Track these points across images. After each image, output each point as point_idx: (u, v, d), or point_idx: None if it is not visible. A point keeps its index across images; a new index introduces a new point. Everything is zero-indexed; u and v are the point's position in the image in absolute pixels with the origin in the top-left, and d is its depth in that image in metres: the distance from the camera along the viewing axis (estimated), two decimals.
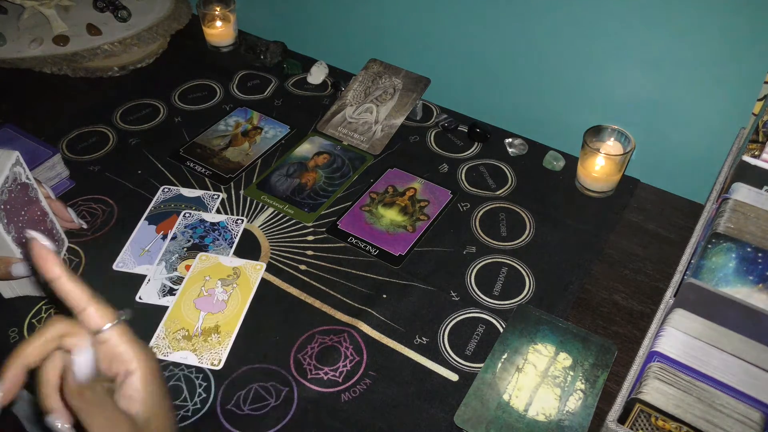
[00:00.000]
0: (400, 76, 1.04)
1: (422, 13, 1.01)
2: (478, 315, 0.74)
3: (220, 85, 1.08)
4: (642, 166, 0.93)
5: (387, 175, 0.91)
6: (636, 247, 0.82)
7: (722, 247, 0.59)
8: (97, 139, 0.97)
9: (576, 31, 0.89)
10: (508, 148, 0.96)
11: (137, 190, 0.88)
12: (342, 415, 0.64)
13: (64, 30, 1.14)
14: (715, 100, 0.84)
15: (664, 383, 0.54)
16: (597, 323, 0.73)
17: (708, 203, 0.74)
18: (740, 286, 0.57)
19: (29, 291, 0.73)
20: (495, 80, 1.02)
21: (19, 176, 0.68)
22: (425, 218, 0.85)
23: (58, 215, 0.76)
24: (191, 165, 0.92)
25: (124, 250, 0.79)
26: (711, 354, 0.55)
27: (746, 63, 0.79)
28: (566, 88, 0.96)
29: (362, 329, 0.72)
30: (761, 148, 0.67)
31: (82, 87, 1.09)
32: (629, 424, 0.56)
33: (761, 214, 0.61)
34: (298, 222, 0.84)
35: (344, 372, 0.68)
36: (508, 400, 0.64)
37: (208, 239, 0.81)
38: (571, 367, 0.67)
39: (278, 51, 1.13)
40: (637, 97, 0.90)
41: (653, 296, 0.76)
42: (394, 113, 0.99)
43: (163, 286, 0.75)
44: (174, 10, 1.21)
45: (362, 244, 0.81)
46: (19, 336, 0.70)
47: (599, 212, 0.86)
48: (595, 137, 0.88)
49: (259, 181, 0.90)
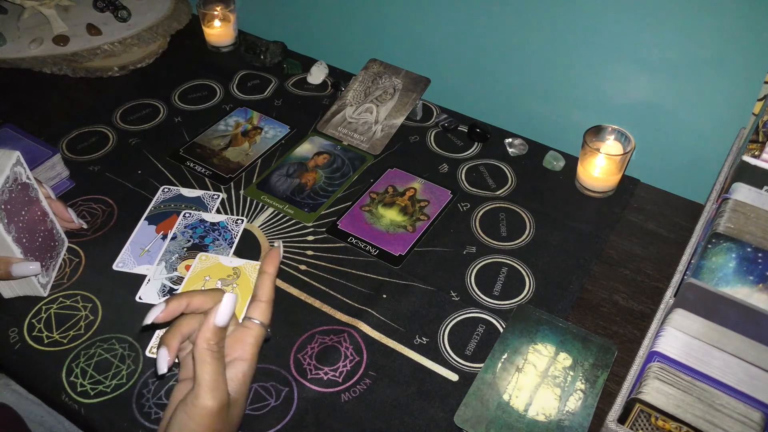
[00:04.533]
0: (400, 76, 1.04)
1: (422, 13, 1.01)
2: (478, 315, 0.74)
3: (220, 85, 1.08)
4: (642, 166, 0.93)
5: (387, 175, 0.91)
6: (636, 247, 0.82)
7: (722, 247, 0.59)
8: (97, 139, 0.97)
9: (576, 31, 0.89)
10: (508, 148, 0.96)
11: (137, 190, 0.88)
12: (342, 415, 0.64)
13: (64, 30, 1.14)
14: (715, 100, 0.84)
15: (664, 383, 0.54)
16: (597, 323, 0.74)
17: (708, 203, 0.74)
18: (740, 286, 0.57)
19: (29, 291, 0.73)
20: (495, 80, 1.02)
21: (19, 176, 0.68)
22: (425, 218, 0.85)
23: (58, 215, 0.76)
24: (191, 165, 0.92)
25: (124, 250, 0.79)
26: (711, 354, 0.55)
27: (746, 63, 0.79)
28: (566, 88, 0.96)
29: (362, 329, 0.72)
30: (761, 148, 0.67)
31: (82, 87, 1.09)
32: (629, 424, 0.56)
33: (761, 214, 0.61)
34: (298, 222, 0.84)
35: (344, 372, 0.68)
36: (508, 400, 0.64)
37: (208, 239, 0.81)
38: (571, 367, 0.67)
39: (278, 51, 1.13)
40: (637, 97, 0.90)
41: (653, 296, 0.76)
42: (394, 113, 0.99)
43: (163, 286, 0.75)
44: (174, 10, 1.21)
45: (362, 244, 0.81)
46: (19, 336, 0.70)
47: (599, 212, 0.86)
48: (595, 137, 0.88)
49: (259, 181, 0.90)
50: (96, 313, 0.73)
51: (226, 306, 0.49)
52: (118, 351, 0.69)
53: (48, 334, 0.71)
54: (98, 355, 0.69)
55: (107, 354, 0.69)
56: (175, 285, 0.75)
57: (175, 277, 0.76)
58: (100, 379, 0.67)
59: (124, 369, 0.67)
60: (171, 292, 0.74)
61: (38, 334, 0.71)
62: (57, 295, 0.74)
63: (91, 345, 0.70)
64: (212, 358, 0.48)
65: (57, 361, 0.68)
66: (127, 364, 0.68)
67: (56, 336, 0.70)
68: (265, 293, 0.54)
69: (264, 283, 0.54)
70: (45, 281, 0.74)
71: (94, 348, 0.69)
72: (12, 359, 0.69)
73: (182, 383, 0.52)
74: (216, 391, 0.47)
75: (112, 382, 0.66)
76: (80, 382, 0.66)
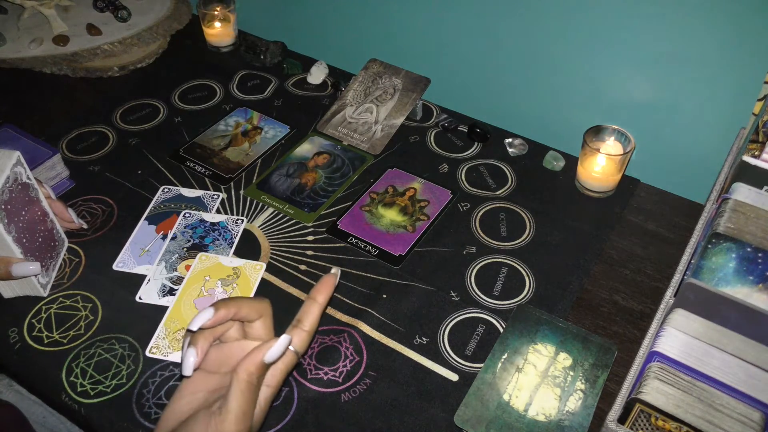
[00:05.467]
0: (400, 76, 1.04)
1: (422, 13, 1.01)
2: (478, 315, 0.74)
3: (220, 85, 1.08)
4: (642, 166, 0.93)
5: (387, 175, 0.91)
6: (636, 247, 0.82)
7: (722, 247, 0.59)
8: (97, 139, 0.97)
9: (576, 31, 0.89)
10: (508, 148, 0.96)
11: (137, 190, 0.88)
12: (342, 415, 0.64)
13: (64, 30, 1.14)
14: (715, 100, 0.84)
15: (664, 383, 0.54)
16: (597, 323, 0.73)
17: (708, 203, 0.74)
18: (740, 286, 0.57)
19: (29, 291, 0.73)
20: (495, 80, 1.02)
21: (19, 176, 0.68)
22: (425, 218, 0.85)
23: (58, 215, 0.76)
24: (191, 165, 0.92)
25: (124, 250, 0.79)
26: (711, 354, 0.55)
27: (746, 63, 0.78)
28: (566, 88, 0.96)
29: (362, 329, 0.72)
30: (761, 148, 0.67)
31: (82, 87, 1.09)
32: (629, 424, 0.56)
33: (761, 214, 0.61)
34: (298, 222, 0.84)
35: (344, 372, 0.68)
36: (508, 400, 0.64)
37: (208, 239, 0.81)
38: (571, 367, 0.67)
39: (278, 51, 1.13)
40: (637, 97, 0.90)
41: (653, 296, 0.76)
42: (394, 113, 0.99)
43: (163, 286, 0.75)
44: (174, 10, 1.21)
45: (362, 244, 0.81)
46: (19, 336, 0.70)
47: (599, 212, 0.86)
48: (595, 137, 0.88)
49: (259, 181, 0.90)
50: (96, 313, 0.73)
51: (279, 346, 0.48)
52: (118, 351, 0.69)
53: (48, 334, 0.71)
54: (98, 355, 0.69)
55: (107, 354, 0.69)
56: (175, 285, 0.75)
57: (175, 277, 0.76)
58: (100, 379, 0.67)
59: (124, 369, 0.67)
60: (171, 292, 0.74)
61: (38, 334, 0.71)
62: (57, 295, 0.74)
63: (91, 345, 0.70)
64: (249, 391, 0.47)
65: (57, 361, 0.68)
66: (127, 364, 0.68)
67: (56, 336, 0.70)
68: (309, 323, 0.52)
69: (311, 311, 0.53)
70: (45, 281, 0.74)
71: (94, 348, 0.69)
72: (12, 359, 0.69)
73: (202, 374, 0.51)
74: (242, 423, 0.47)
75: (112, 382, 0.66)
76: (80, 382, 0.66)
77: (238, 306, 0.50)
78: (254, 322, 0.52)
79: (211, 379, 0.51)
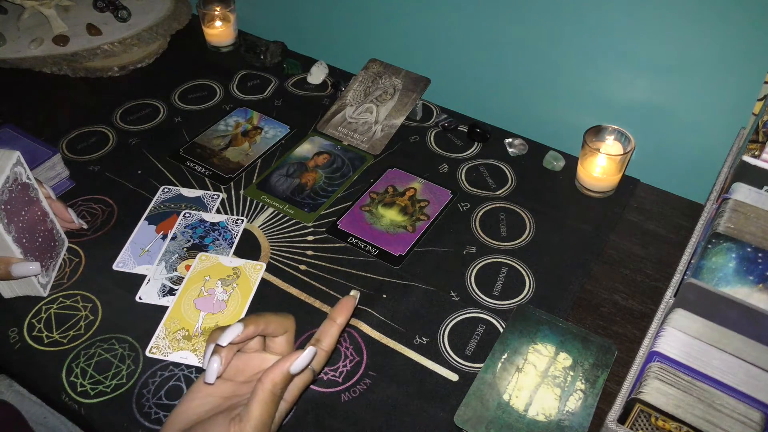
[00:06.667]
0: (400, 76, 1.04)
1: (422, 13, 1.01)
2: (478, 315, 0.74)
3: (220, 85, 1.08)
4: (642, 166, 0.93)
5: (387, 175, 0.91)
6: (636, 247, 0.82)
7: (722, 247, 0.59)
8: (97, 139, 0.97)
9: (576, 31, 0.89)
10: (508, 148, 0.96)
11: (137, 190, 0.88)
12: (342, 415, 0.64)
13: (64, 30, 1.14)
14: (715, 100, 0.84)
15: (664, 383, 0.54)
16: (597, 323, 0.74)
17: (708, 203, 0.74)
18: (740, 286, 0.57)
19: (29, 291, 0.73)
20: (495, 80, 1.02)
21: (19, 176, 0.68)
22: (425, 218, 0.85)
23: (58, 215, 0.76)
24: (191, 165, 0.92)
25: (124, 250, 0.79)
26: (711, 354, 0.55)
27: (746, 63, 0.78)
28: (566, 88, 0.96)
29: (362, 329, 0.72)
30: (761, 148, 0.67)
31: (82, 87, 1.09)
32: (629, 424, 0.56)
33: (761, 214, 0.61)
34: (298, 222, 0.84)
35: (344, 372, 0.68)
36: (508, 400, 0.64)
37: (208, 239, 0.81)
38: (571, 367, 0.67)
39: (278, 51, 1.13)
40: (637, 97, 0.90)
41: (653, 296, 0.76)
42: (394, 113, 0.99)
43: (163, 286, 0.75)
44: (174, 10, 1.21)
45: (362, 244, 0.81)
46: (19, 336, 0.70)
47: (599, 212, 0.86)
48: (595, 137, 0.88)
49: (259, 181, 0.90)
50: (96, 313, 0.73)
51: (305, 358, 0.49)
52: (118, 351, 0.69)
53: (48, 334, 0.71)
54: (98, 355, 0.69)
55: (107, 354, 0.69)
56: (175, 285, 0.75)
57: (175, 277, 0.76)
58: (100, 379, 0.67)
59: (124, 369, 0.67)
60: (171, 292, 0.74)
61: (38, 334, 0.71)
62: (57, 295, 0.74)
63: (91, 345, 0.70)
64: (271, 401, 0.48)
65: (57, 361, 0.68)
66: (127, 364, 0.68)
67: (56, 336, 0.70)
68: (328, 343, 0.54)
69: (330, 332, 0.54)
70: (45, 281, 0.74)
71: (94, 348, 0.69)
72: (12, 359, 0.69)
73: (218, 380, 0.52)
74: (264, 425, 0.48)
75: (112, 382, 0.66)
76: (80, 382, 0.66)
77: (267, 322, 0.51)
78: (277, 337, 0.53)
79: (226, 386, 0.52)
